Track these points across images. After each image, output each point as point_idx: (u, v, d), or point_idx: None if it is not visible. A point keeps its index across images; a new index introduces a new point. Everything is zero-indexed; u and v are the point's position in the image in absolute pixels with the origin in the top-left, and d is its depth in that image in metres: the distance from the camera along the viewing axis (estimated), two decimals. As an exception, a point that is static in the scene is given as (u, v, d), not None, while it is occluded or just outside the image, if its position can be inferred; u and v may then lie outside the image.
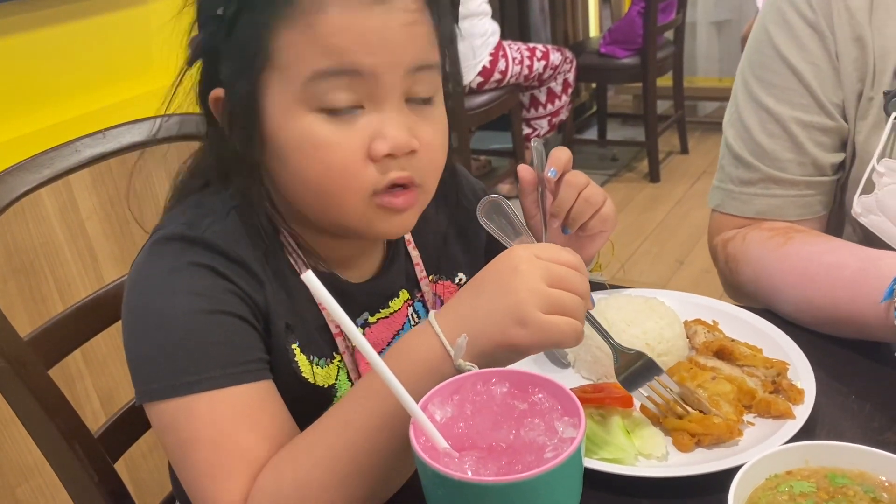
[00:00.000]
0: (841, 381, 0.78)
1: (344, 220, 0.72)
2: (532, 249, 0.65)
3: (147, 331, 0.71)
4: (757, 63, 0.96)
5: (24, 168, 0.95)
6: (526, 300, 0.62)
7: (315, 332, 0.77)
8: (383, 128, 0.69)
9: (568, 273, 0.64)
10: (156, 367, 0.69)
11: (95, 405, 1.63)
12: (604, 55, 3.69)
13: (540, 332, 0.62)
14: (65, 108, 1.65)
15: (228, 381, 0.69)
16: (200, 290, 0.70)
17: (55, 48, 1.61)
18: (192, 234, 0.72)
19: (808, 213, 0.95)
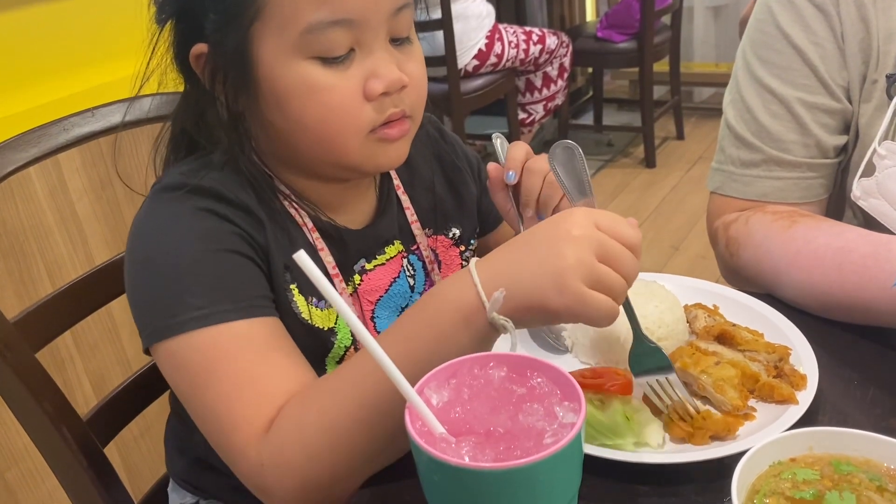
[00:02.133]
0: (844, 366, 0.76)
1: (345, 159, 0.74)
2: (593, 216, 0.63)
3: (153, 274, 0.71)
4: (760, 43, 0.94)
5: (10, 146, 0.93)
6: (571, 268, 0.60)
7: None
8: (376, 68, 0.71)
9: (621, 252, 0.63)
10: (164, 307, 0.69)
11: (87, 389, 1.61)
12: (600, 39, 3.66)
13: (577, 305, 0.61)
14: (55, 88, 1.63)
15: (239, 315, 0.69)
16: (204, 233, 0.72)
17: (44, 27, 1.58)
18: (191, 182, 0.73)
19: (810, 195, 0.94)
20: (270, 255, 0.75)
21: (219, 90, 0.74)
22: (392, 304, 0.84)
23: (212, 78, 0.73)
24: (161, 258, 0.71)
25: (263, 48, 0.70)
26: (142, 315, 0.72)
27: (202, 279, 0.70)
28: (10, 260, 1.48)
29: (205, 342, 0.68)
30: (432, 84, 0.80)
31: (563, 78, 3.48)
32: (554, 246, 0.61)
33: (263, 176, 0.77)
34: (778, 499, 0.55)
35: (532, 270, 0.62)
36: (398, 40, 0.74)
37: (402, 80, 0.72)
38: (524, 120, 3.48)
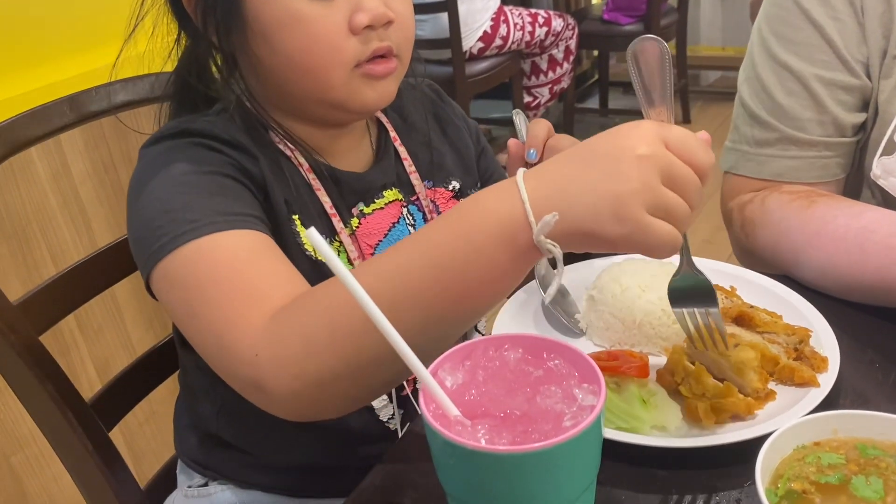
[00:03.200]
0: (865, 348, 0.75)
1: (329, 94, 0.74)
2: (664, 132, 0.56)
3: (146, 205, 0.70)
4: (776, 18, 0.92)
5: (13, 125, 0.91)
6: (635, 193, 0.53)
7: (315, 216, 0.78)
8: (361, 1, 0.72)
9: (689, 176, 0.55)
10: (157, 230, 0.68)
11: (91, 374, 1.60)
12: (606, 22, 3.63)
13: (637, 234, 0.54)
14: (59, 69, 1.61)
15: (231, 226, 0.67)
16: (199, 160, 0.72)
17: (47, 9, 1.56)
18: (186, 127, 0.74)
19: (827, 175, 0.92)
20: (269, 189, 0.74)
21: (211, 31, 0.74)
22: None
23: (203, 19, 0.74)
24: (154, 190, 0.70)
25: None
26: (138, 249, 0.71)
27: (193, 198, 0.68)
28: (14, 243, 1.46)
29: (196, 253, 0.66)
30: (436, 67, 0.79)
31: (568, 61, 3.45)
32: (616, 164, 0.54)
33: (257, 119, 0.78)
34: (803, 483, 0.53)
35: (589, 190, 0.55)
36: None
37: (388, 14, 0.73)
38: (529, 103, 3.45)
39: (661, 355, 0.76)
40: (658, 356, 0.76)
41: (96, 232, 1.60)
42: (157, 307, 1.75)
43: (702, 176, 0.57)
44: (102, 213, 1.61)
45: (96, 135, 1.58)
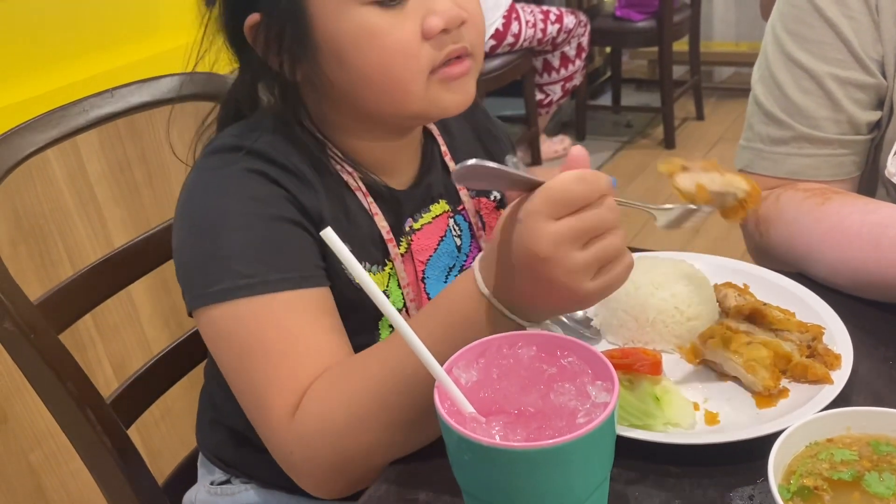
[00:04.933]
0: (879, 345, 0.75)
1: (409, 107, 0.72)
2: (548, 210, 0.56)
3: (202, 236, 0.71)
4: (790, 17, 0.92)
5: (30, 127, 0.92)
6: (573, 284, 0.57)
7: (367, 241, 0.77)
8: (432, 5, 0.70)
9: (594, 217, 0.57)
10: (210, 272, 0.69)
11: (108, 372, 1.62)
12: (619, 19, 3.61)
13: (599, 296, 0.59)
14: (73, 70, 1.63)
15: (285, 286, 0.68)
16: (255, 196, 0.71)
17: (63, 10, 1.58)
18: (243, 144, 0.73)
19: (842, 173, 0.92)
20: (324, 220, 0.74)
21: (273, 61, 0.73)
22: (440, 263, 0.84)
23: (266, 48, 0.72)
24: (209, 221, 0.70)
25: (317, 3, 0.69)
26: (187, 278, 0.72)
27: (250, 246, 0.69)
28: (31, 243, 1.48)
29: (247, 313, 0.68)
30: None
31: (581, 58, 3.44)
32: (543, 278, 0.57)
33: (316, 141, 0.77)
34: (815, 479, 0.54)
35: (545, 299, 0.60)
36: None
37: (461, 14, 0.70)
38: (542, 101, 3.45)
39: (674, 353, 0.76)
40: (671, 353, 0.76)
41: (112, 231, 1.62)
42: (172, 306, 1.77)
43: (602, 194, 0.57)
44: (118, 212, 1.63)
45: (112, 135, 1.60)
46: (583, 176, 0.56)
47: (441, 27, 0.70)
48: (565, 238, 0.56)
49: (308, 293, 0.69)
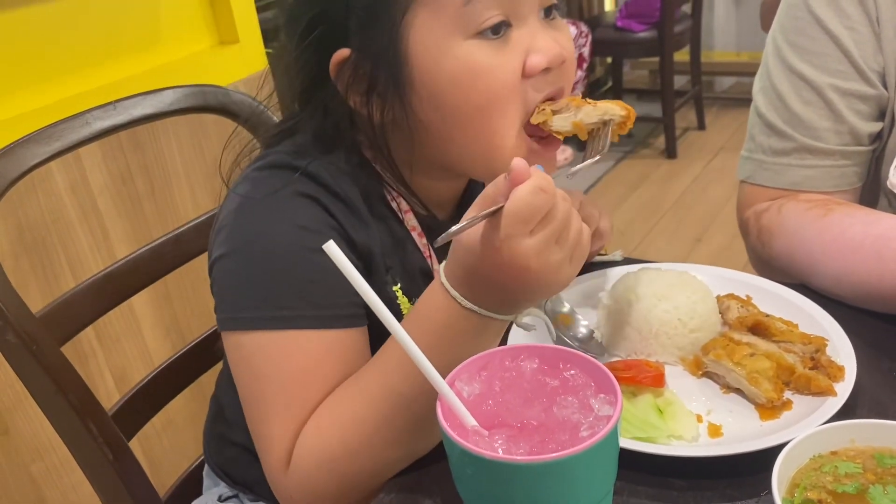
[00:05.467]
0: (882, 357, 0.74)
1: (496, 153, 0.70)
2: (518, 236, 0.58)
3: (244, 259, 0.70)
4: (791, 28, 0.92)
5: (34, 140, 0.93)
6: (559, 276, 0.61)
7: (418, 275, 0.77)
8: (535, 42, 0.68)
9: (559, 218, 0.59)
10: (246, 297, 0.69)
11: (109, 383, 1.62)
12: (620, 29, 3.63)
13: (576, 272, 0.62)
14: (76, 82, 1.63)
15: (317, 324, 0.68)
16: (305, 224, 0.69)
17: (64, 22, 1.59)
18: (297, 164, 0.71)
19: (844, 184, 0.92)
20: (373, 255, 0.73)
21: (355, 98, 0.71)
22: None
23: (350, 85, 0.70)
24: (255, 246, 0.69)
25: (418, 38, 0.67)
26: (222, 296, 0.71)
27: (291, 278, 0.68)
28: (33, 254, 1.48)
29: (274, 345, 0.67)
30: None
31: (581, 68, 3.46)
32: (535, 283, 0.60)
33: (375, 175, 0.75)
34: (819, 492, 0.53)
35: (536, 295, 0.62)
36: (548, 11, 0.71)
37: (563, 54, 0.69)
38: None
39: (677, 365, 0.76)
40: (674, 366, 0.76)
41: (114, 242, 1.62)
42: (173, 317, 1.77)
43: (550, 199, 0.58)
44: (120, 223, 1.63)
45: (114, 146, 1.60)
46: (536, 186, 0.57)
47: (544, 66, 0.68)
48: (544, 245, 0.59)
49: (339, 334, 0.69)
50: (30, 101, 1.55)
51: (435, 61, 0.67)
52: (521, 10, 0.68)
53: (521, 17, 0.68)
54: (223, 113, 1.08)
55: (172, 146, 1.69)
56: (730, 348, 0.71)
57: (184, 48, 1.82)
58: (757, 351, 0.71)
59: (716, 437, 0.66)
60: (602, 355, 0.78)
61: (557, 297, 0.83)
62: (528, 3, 0.68)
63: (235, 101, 1.10)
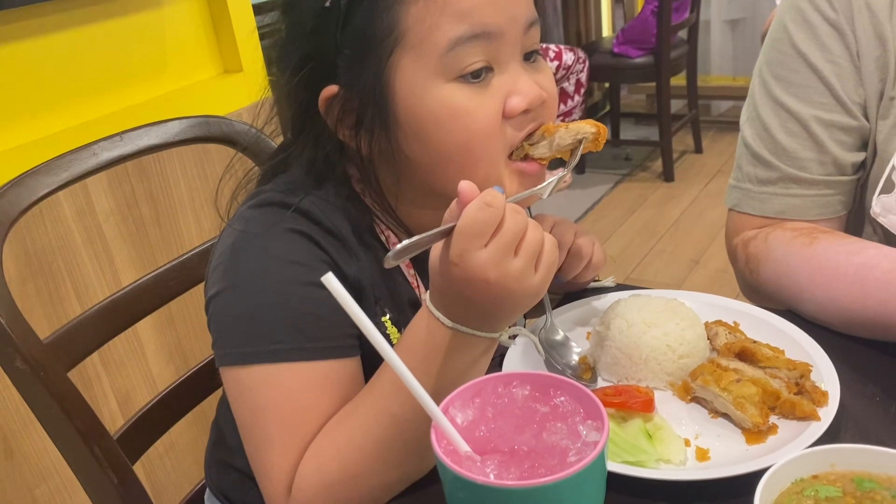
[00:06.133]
0: (866, 382, 0.76)
1: (483, 186, 0.72)
2: (471, 250, 0.61)
3: (240, 295, 0.72)
4: (775, 62, 0.95)
5: (43, 171, 0.95)
6: (524, 285, 0.62)
7: (406, 305, 0.79)
8: (516, 85, 0.71)
9: (510, 229, 0.61)
10: (243, 333, 0.71)
11: (112, 406, 1.64)
12: (617, 55, 3.68)
13: (547, 279, 0.64)
14: (81, 112, 1.66)
15: (313, 355, 0.70)
16: (296, 259, 0.71)
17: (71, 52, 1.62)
18: (289, 201, 0.73)
19: (828, 212, 0.94)
20: (363, 288, 0.75)
21: (343, 132, 0.74)
22: None
23: (339, 119, 0.73)
24: (250, 282, 0.71)
25: (402, 78, 0.70)
26: (219, 332, 0.73)
27: (285, 312, 0.70)
28: (39, 279, 1.51)
29: (271, 378, 0.69)
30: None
31: (580, 93, 3.50)
32: (501, 295, 0.62)
33: (365, 208, 0.78)
34: (801, 516, 0.55)
35: (510, 308, 0.64)
36: (529, 55, 0.74)
37: (542, 95, 0.72)
38: (541, 135, 3.49)
39: (666, 390, 0.78)
40: (664, 391, 0.78)
41: (119, 267, 1.64)
42: (177, 341, 1.79)
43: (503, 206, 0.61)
44: (125, 249, 1.65)
45: (119, 173, 1.63)
46: (484, 202, 0.61)
47: (523, 108, 0.71)
48: (500, 256, 0.61)
49: (334, 364, 0.71)
50: (37, 130, 1.59)
51: (419, 101, 0.70)
52: (502, 56, 0.71)
53: (503, 62, 0.71)
54: (226, 143, 1.11)
55: (177, 173, 1.72)
56: (717, 374, 0.74)
57: (189, 77, 1.86)
58: (743, 377, 0.73)
59: (703, 460, 0.68)
60: (594, 381, 0.80)
61: (552, 325, 0.85)
62: (509, 49, 0.71)
63: (238, 130, 1.13)
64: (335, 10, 0.69)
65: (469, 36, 0.68)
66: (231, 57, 1.93)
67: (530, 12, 0.73)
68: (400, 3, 0.68)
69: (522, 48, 0.73)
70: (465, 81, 0.70)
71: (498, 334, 0.66)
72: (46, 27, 1.57)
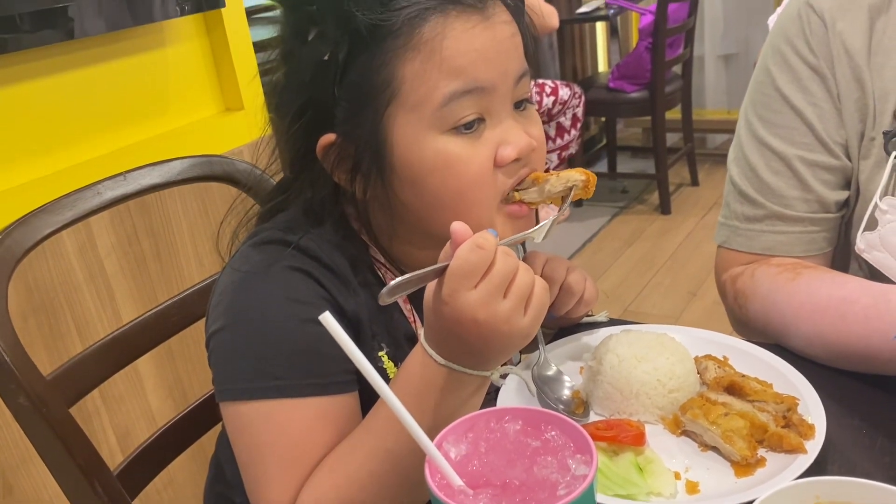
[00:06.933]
0: (852, 415, 0.78)
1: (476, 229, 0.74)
2: (461, 290, 0.63)
3: (240, 330, 0.73)
4: (759, 103, 0.98)
5: (47, 210, 0.98)
6: (513, 327, 0.64)
7: (403, 341, 0.80)
8: (506, 136, 0.74)
9: (500, 271, 0.63)
10: (243, 369, 0.72)
11: (112, 442, 1.64)
12: (612, 90, 3.73)
13: (536, 323, 0.66)
14: (85, 150, 1.69)
15: (312, 391, 0.71)
16: (296, 296, 0.73)
17: (76, 92, 1.65)
18: (289, 239, 0.76)
19: (814, 249, 0.96)
20: (361, 323, 0.77)
21: (340, 177, 0.76)
22: None
23: (336, 165, 0.76)
24: (250, 319, 0.73)
25: (398, 130, 0.72)
26: (219, 368, 0.75)
27: (285, 349, 0.72)
28: (41, 315, 1.52)
29: (270, 413, 0.71)
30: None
31: (576, 128, 3.54)
32: (490, 335, 0.64)
33: (363, 245, 0.80)
34: (786, 547, 0.56)
35: (499, 349, 0.66)
36: (519, 103, 0.77)
37: (532, 144, 0.75)
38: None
39: (657, 424, 0.79)
40: (655, 424, 0.79)
41: (120, 303, 1.66)
42: (176, 376, 1.80)
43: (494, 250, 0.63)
44: (126, 284, 1.67)
45: (122, 210, 1.66)
46: (475, 244, 0.63)
47: (514, 157, 0.74)
48: (489, 297, 0.63)
49: (333, 400, 0.73)
50: (42, 168, 1.61)
51: (414, 151, 0.73)
52: (493, 108, 0.74)
53: (494, 113, 0.74)
54: (228, 181, 1.14)
55: (178, 210, 1.75)
56: (706, 408, 0.75)
57: (191, 115, 1.90)
58: (732, 410, 0.75)
59: (693, 493, 0.70)
60: (586, 415, 0.82)
61: (545, 360, 0.87)
62: (501, 101, 0.74)
63: (240, 169, 1.16)
64: (333, 63, 0.71)
65: (463, 91, 0.71)
66: (233, 95, 1.96)
67: (521, 65, 0.76)
68: (397, 59, 0.71)
69: (513, 98, 0.75)
70: (458, 133, 0.73)
71: (489, 373, 0.68)
72: (52, 68, 1.60)
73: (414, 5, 0.71)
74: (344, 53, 0.71)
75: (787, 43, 0.95)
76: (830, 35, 0.92)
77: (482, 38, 0.72)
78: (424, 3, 0.71)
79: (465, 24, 0.71)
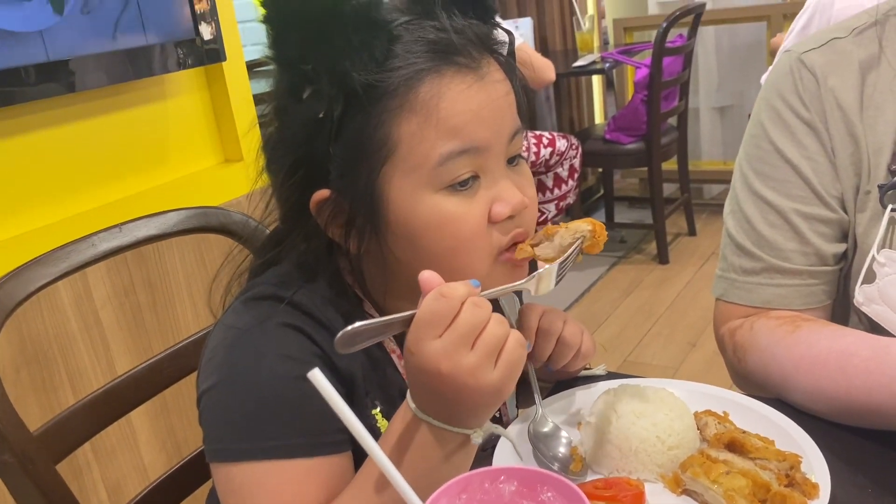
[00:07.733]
0: (857, 473, 0.76)
1: None
2: (426, 339, 0.62)
3: (231, 389, 0.72)
4: (754, 157, 0.99)
5: (41, 262, 0.97)
6: (480, 381, 0.62)
7: (397, 397, 0.79)
8: (500, 193, 0.75)
9: (466, 321, 0.62)
10: (235, 428, 0.71)
11: (102, 496, 1.61)
12: (609, 141, 3.77)
13: (508, 379, 0.64)
14: (85, 201, 1.70)
15: (305, 452, 0.70)
16: (289, 353, 0.72)
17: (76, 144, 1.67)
18: (282, 295, 0.75)
19: (813, 301, 0.96)
20: (354, 380, 0.76)
21: (334, 232, 0.76)
22: None
23: (330, 221, 0.75)
24: (242, 378, 0.72)
25: (393, 187, 0.72)
26: (210, 428, 0.74)
27: (277, 408, 0.70)
28: (34, 366, 1.51)
29: (262, 475, 0.69)
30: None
31: (573, 178, 3.56)
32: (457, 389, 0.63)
33: (356, 300, 0.79)
34: None
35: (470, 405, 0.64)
36: (512, 159, 0.77)
37: (525, 201, 0.76)
38: (537, 219, 3.54)
39: (657, 482, 0.78)
40: (655, 483, 0.78)
41: (114, 355, 1.65)
42: (170, 429, 1.78)
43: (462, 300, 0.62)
44: (121, 336, 1.66)
45: (118, 261, 1.65)
46: (439, 292, 0.62)
47: (507, 214, 0.74)
48: (452, 348, 0.62)
49: (326, 460, 0.71)
50: (40, 218, 1.62)
51: (409, 209, 0.73)
52: (488, 166, 0.74)
53: (488, 169, 0.74)
54: (224, 233, 1.14)
55: (176, 261, 1.74)
56: (707, 466, 0.74)
57: (191, 166, 1.91)
58: (733, 468, 0.73)
59: (694, 554, 0.68)
60: (584, 473, 0.80)
61: (542, 416, 0.86)
62: (495, 158, 0.75)
63: (235, 221, 1.16)
64: (328, 121, 0.71)
65: (459, 151, 0.71)
66: (232, 147, 1.98)
67: (515, 123, 0.76)
68: (393, 119, 0.71)
69: (507, 155, 0.76)
70: (453, 190, 0.73)
71: (471, 431, 0.66)
72: (54, 120, 1.62)
73: (409, 66, 0.71)
74: (339, 112, 0.71)
75: (780, 98, 0.96)
76: (823, 91, 0.93)
77: (478, 98, 0.72)
78: (420, 64, 0.71)
79: (461, 85, 0.72)
